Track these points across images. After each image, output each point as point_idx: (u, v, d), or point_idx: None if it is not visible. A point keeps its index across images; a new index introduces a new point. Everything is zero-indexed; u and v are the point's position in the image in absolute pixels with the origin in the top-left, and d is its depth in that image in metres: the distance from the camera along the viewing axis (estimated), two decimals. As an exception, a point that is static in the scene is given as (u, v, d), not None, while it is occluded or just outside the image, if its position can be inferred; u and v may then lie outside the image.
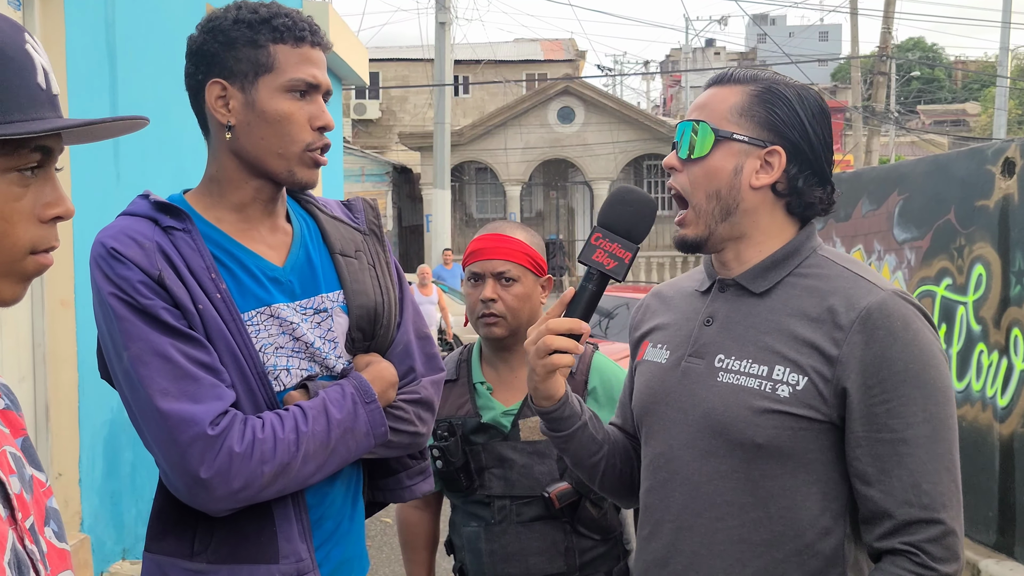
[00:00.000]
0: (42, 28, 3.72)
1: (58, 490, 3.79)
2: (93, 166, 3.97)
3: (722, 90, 1.46)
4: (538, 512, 1.98)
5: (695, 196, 1.44)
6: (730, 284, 1.47)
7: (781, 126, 1.41)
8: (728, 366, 1.41)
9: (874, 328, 1.32)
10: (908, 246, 5.91)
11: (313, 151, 1.51)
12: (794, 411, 1.34)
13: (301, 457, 1.41)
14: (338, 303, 1.58)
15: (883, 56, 20.00)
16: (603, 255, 1.40)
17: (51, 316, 3.76)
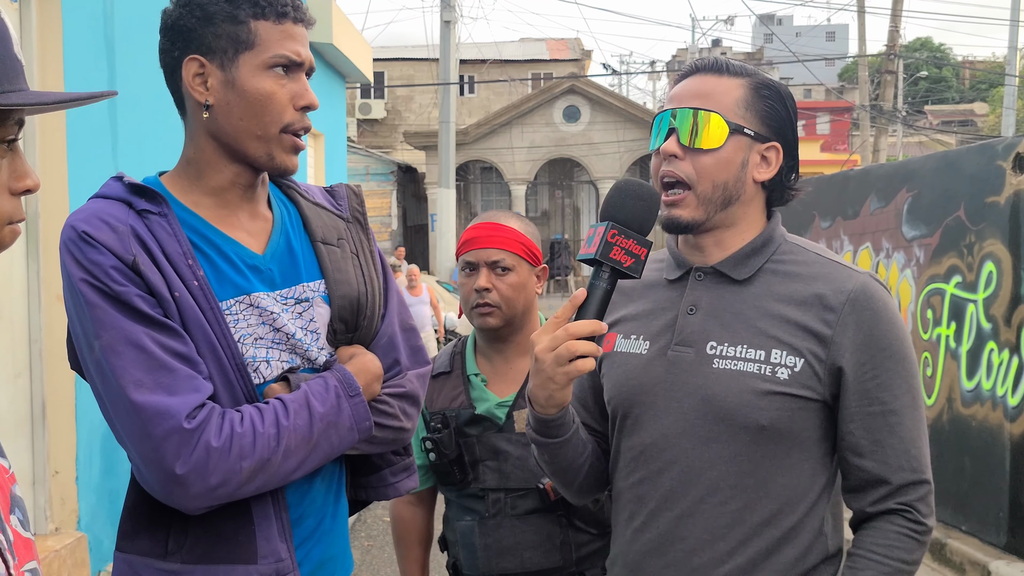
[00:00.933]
0: (39, 21, 3.68)
1: (55, 488, 3.74)
2: (90, 157, 3.92)
3: (722, 81, 1.46)
4: (533, 505, 1.94)
5: (701, 184, 1.44)
6: (708, 272, 1.49)
7: (777, 122, 1.47)
8: (723, 352, 1.43)
9: (862, 309, 1.41)
10: (917, 244, 5.84)
11: (294, 132, 1.44)
12: (794, 392, 1.40)
13: (282, 452, 1.35)
14: (319, 293, 1.52)
15: (891, 55, 19.91)
16: (620, 252, 1.35)
17: (48, 312, 3.71)
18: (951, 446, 5.49)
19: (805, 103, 44.31)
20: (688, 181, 1.44)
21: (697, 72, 1.49)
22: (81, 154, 3.83)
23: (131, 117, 4.25)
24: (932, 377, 5.73)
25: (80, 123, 3.83)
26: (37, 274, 3.69)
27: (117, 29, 4.15)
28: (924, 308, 5.80)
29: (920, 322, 5.84)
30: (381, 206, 20.94)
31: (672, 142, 1.44)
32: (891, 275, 6.22)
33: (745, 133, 1.44)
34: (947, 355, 5.56)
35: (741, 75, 1.47)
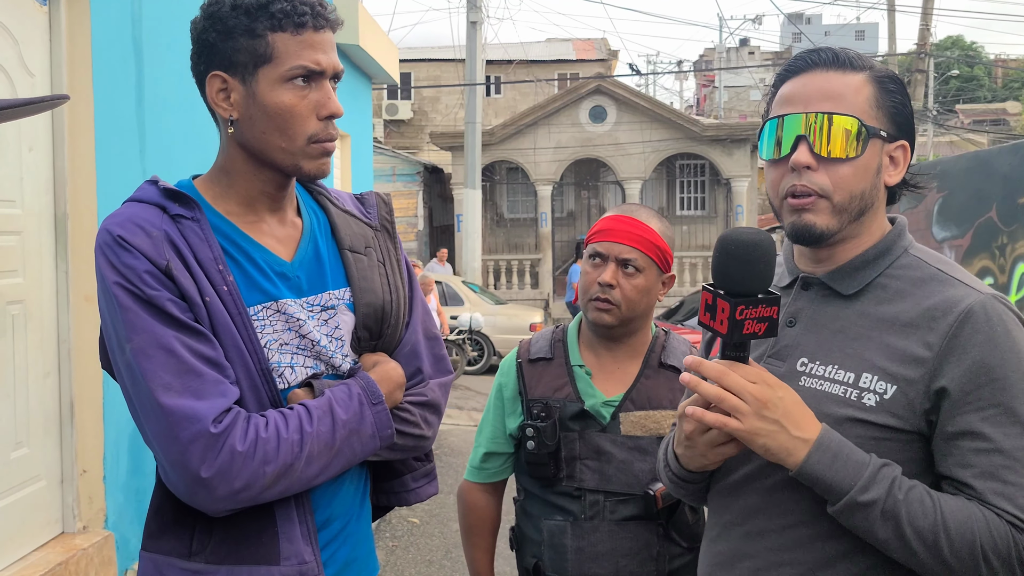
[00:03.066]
0: (68, 23, 3.71)
1: (82, 487, 3.77)
2: (119, 160, 3.95)
3: (847, 77, 1.32)
4: (633, 511, 1.87)
5: (838, 195, 1.30)
6: (815, 283, 1.37)
7: (902, 118, 1.33)
8: (812, 371, 1.33)
9: (973, 332, 1.24)
10: (948, 244, 5.76)
11: (319, 142, 1.44)
12: (879, 421, 1.27)
13: (305, 458, 1.36)
14: (344, 300, 1.53)
15: (921, 54, 19.68)
16: (752, 324, 1.24)
17: (76, 311, 3.74)
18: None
19: (834, 103, 43.71)
20: (823, 193, 1.30)
21: (815, 67, 1.33)
22: (109, 155, 3.86)
23: (159, 118, 4.28)
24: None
25: (108, 124, 3.86)
26: (66, 274, 3.72)
27: (145, 31, 4.18)
28: (955, 310, 5.72)
29: (951, 324, 5.76)
30: (407, 207, 20.99)
31: (804, 152, 1.30)
32: (921, 276, 6.16)
33: (880, 136, 1.30)
34: (978, 358, 5.48)
35: (863, 68, 1.32)
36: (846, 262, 1.35)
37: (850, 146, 1.28)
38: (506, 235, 22.30)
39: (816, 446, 1.23)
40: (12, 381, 3.45)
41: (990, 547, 1.20)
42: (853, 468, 1.23)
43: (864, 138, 1.28)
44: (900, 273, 1.33)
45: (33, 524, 3.56)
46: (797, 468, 1.24)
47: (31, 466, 3.56)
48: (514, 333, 14.04)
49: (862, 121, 1.28)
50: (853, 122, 1.28)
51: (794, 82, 1.34)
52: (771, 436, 1.23)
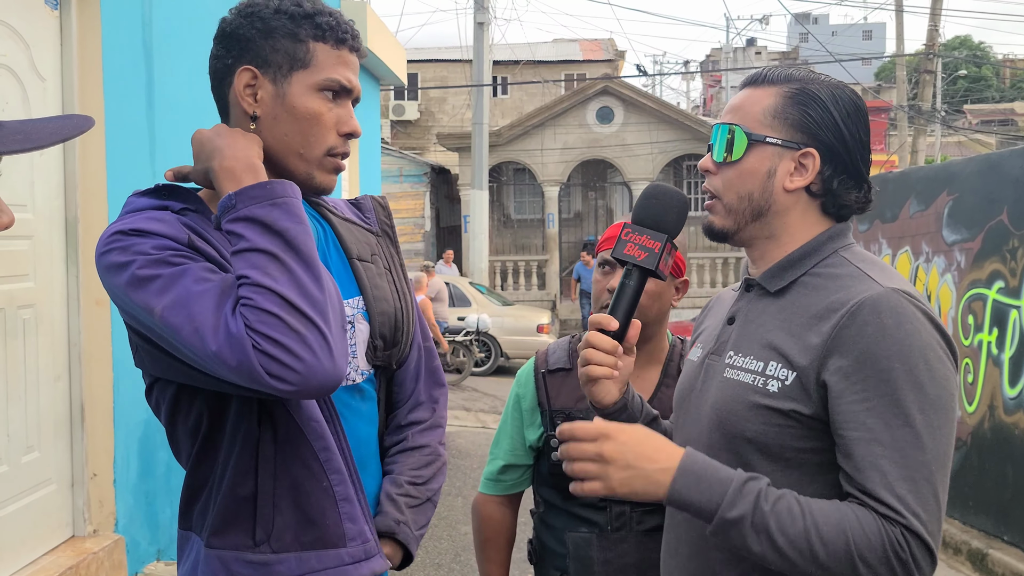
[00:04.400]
0: (79, 27, 3.72)
1: (93, 490, 3.78)
2: (129, 164, 3.96)
3: (756, 91, 1.45)
4: (661, 521, 1.81)
5: (727, 196, 1.45)
6: (754, 284, 1.48)
7: (814, 127, 1.41)
8: (734, 362, 1.42)
9: (863, 324, 1.28)
10: (958, 248, 5.74)
11: (335, 156, 1.45)
12: (780, 406, 1.33)
13: None
14: (359, 309, 1.53)
15: (930, 54, 19.62)
16: (633, 248, 1.41)
17: (86, 315, 3.75)
18: (993, 455, 5.38)
19: (841, 103, 43.59)
20: (716, 194, 1.46)
21: (743, 87, 1.49)
22: (119, 158, 3.87)
23: (169, 121, 4.28)
24: (973, 384, 5.62)
25: (118, 127, 3.86)
26: (76, 278, 3.73)
27: (156, 34, 4.19)
28: (965, 313, 5.70)
29: (961, 327, 5.74)
30: (414, 207, 20.99)
31: (706, 158, 1.47)
32: (931, 279, 6.12)
33: (768, 142, 1.41)
34: (989, 361, 5.46)
35: (778, 83, 1.44)
36: (774, 263, 1.44)
37: (735, 151, 1.42)
38: (513, 236, 22.29)
39: (679, 472, 1.29)
40: (23, 385, 3.46)
41: (864, 546, 1.23)
42: (718, 487, 1.28)
43: (745, 144, 1.41)
44: (823, 271, 1.41)
45: (44, 528, 3.57)
46: (667, 498, 1.30)
47: (42, 470, 3.57)
48: (521, 334, 14.02)
49: (744, 129, 1.41)
50: (738, 130, 1.42)
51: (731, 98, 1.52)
52: (631, 482, 1.30)
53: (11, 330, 3.39)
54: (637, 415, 1.54)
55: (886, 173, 7.36)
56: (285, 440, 1.39)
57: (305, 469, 1.40)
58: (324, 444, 1.40)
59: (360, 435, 1.53)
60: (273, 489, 1.40)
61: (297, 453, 1.40)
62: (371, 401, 1.57)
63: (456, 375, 12.46)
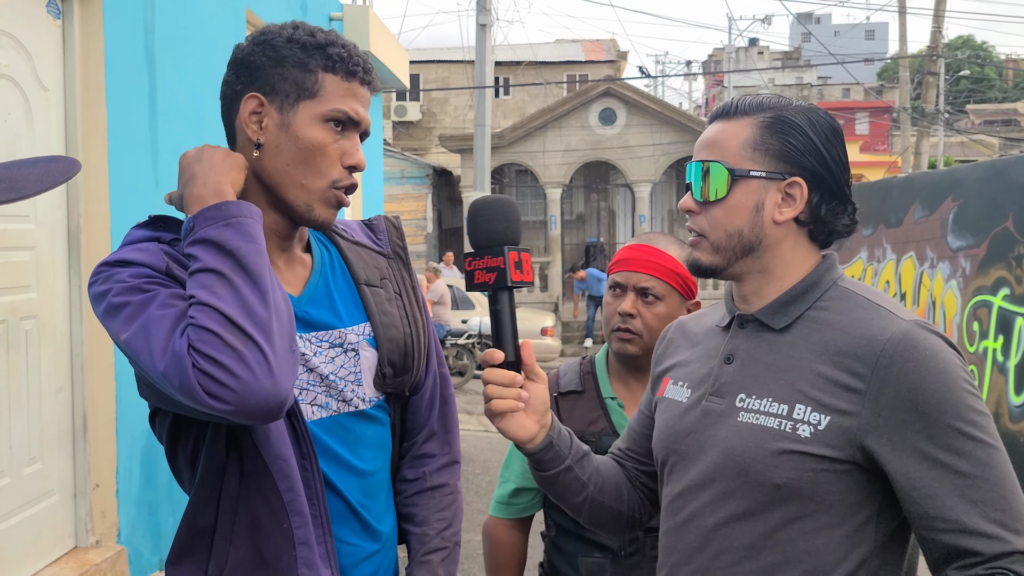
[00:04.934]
0: (81, 36, 3.71)
1: (95, 501, 3.76)
2: (132, 173, 3.94)
3: (729, 124, 1.40)
4: None
5: (714, 235, 1.41)
6: (749, 320, 1.42)
7: (797, 155, 1.37)
8: (749, 405, 1.36)
9: (903, 360, 1.26)
10: (963, 254, 5.72)
11: (338, 188, 1.42)
12: (815, 451, 1.29)
13: None
14: (365, 336, 1.50)
15: (933, 56, 19.59)
16: (481, 275, 1.37)
17: (89, 326, 3.74)
18: (998, 462, 5.36)
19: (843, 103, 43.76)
20: (703, 233, 1.41)
21: (713, 120, 1.44)
22: (122, 168, 3.85)
23: (172, 130, 4.27)
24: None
25: (121, 137, 3.85)
26: (79, 287, 3.71)
27: (158, 44, 4.17)
28: (970, 320, 5.68)
29: (966, 334, 5.72)
30: (416, 209, 20.98)
31: (687, 198, 1.43)
32: (936, 285, 6.11)
33: (753, 176, 1.36)
34: (994, 369, 5.44)
35: (753, 113, 1.39)
36: (775, 298, 1.39)
37: (718, 189, 1.37)
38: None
39: None
40: (25, 396, 3.45)
41: None
42: None
43: (729, 181, 1.36)
44: (829, 305, 1.37)
45: (46, 539, 3.56)
46: None
47: (44, 481, 3.55)
48: (525, 337, 13.99)
49: (726, 165, 1.37)
50: (717, 167, 1.37)
51: (702, 134, 1.45)
52: None
53: (13, 341, 3.38)
54: (565, 452, 1.47)
55: (890, 178, 7.34)
56: (250, 474, 1.37)
57: (266, 507, 1.37)
58: (289, 484, 1.37)
59: (366, 464, 1.51)
60: (232, 524, 1.38)
61: (260, 489, 1.37)
62: (381, 428, 1.54)
63: (459, 378, 12.45)
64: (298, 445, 1.40)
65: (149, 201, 4.07)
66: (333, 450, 1.46)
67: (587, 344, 17.85)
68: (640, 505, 1.58)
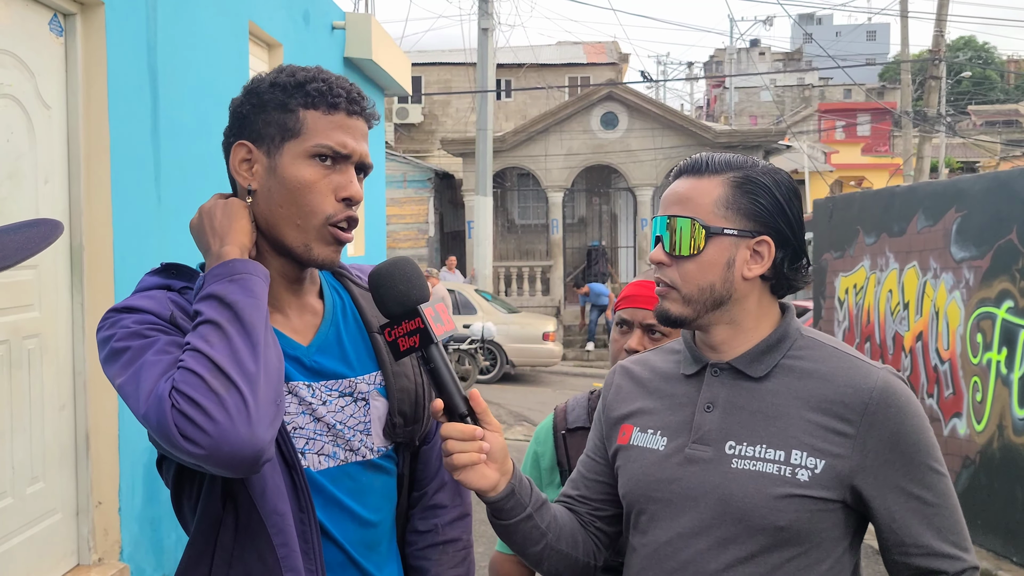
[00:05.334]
0: (84, 54, 3.70)
1: (98, 519, 3.76)
2: (134, 191, 3.94)
3: (700, 182, 1.45)
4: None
5: (686, 288, 1.44)
6: (724, 368, 1.46)
7: (766, 215, 1.45)
8: (741, 452, 1.41)
9: (886, 407, 1.38)
10: (966, 265, 5.70)
11: (335, 225, 1.40)
12: (814, 494, 1.37)
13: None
14: (375, 385, 1.49)
15: (935, 60, 19.57)
16: (405, 341, 1.34)
17: (91, 344, 3.73)
18: (1001, 475, 5.35)
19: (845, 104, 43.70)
20: (673, 285, 1.45)
21: (681, 175, 1.49)
22: (124, 186, 3.85)
23: (173, 147, 4.26)
24: (982, 403, 5.59)
25: (123, 154, 3.85)
26: (81, 306, 3.71)
27: (160, 61, 4.17)
28: (974, 332, 5.66)
29: (970, 346, 5.71)
30: (418, 213, 20.97)
31: (658, 251, 1.47)
32: (939, 296, 6.09)
33: (726, 233, 1.42)
34: (998, 381, 5.42)
35: (723, 171, 1.45)
36: (750, 348, 1.45)
37: (693, 244, 1.42)
38: (517, 241, 22.26)
39: None
40: (28, 415, 3.44)
41: None
42: None
43: (703, 237, 1.42)
44: (803, 354, 1.45)
45: (49, 557, 3.55)
46: None
47: (47, 500, 3.55)
48: (527, 342, 14.00)
49: (701, 222, 1.42)
50: (692, 223, 1.42)
51: (670, 187, 1.50)
52: None
53: (16, 360, 3.38)
54: (526, 500, 1.46)
55: (893, 187, 7.32)
56: (245, 529, 1.36)
57: (260, 562, 1.36)
58: (283, 540, 1.36)
59: (371, 514, 1.49)
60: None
61: (254, 544, 1.36)
62: (387, 478, 1.52)
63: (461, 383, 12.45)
64: (296, 499, 1.39)
65: (151, 219, 4.07)
66: (338, 499, 1.45)
67: (589, 348, 17.84)
68: (594, 550, 1.60)
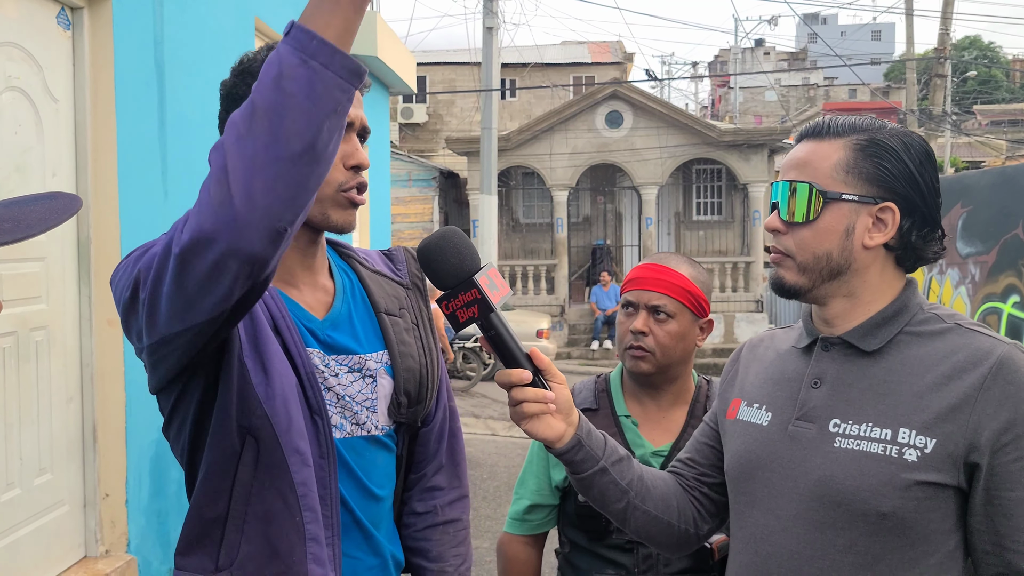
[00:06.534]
0: (91, 48, 3.71)
1: (105, 511, 3.77)
2: (141, 184, 3.95)
3: (821, 145, 1.37)
4: (688, 563, 1.83)
5: (801, 256, 1.36)
6: (835, 343, 1.38)
7: (891, 180, 1.34)
8: (846, 431, 1.32)
9: (1006, 383, 1.26)
10: (972, 260, 5.71)
11: (347, 191, 1.43)
12: (922, 477, 1.26)
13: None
14: (383, 364, 1.51)
15: (940, 58, 19.55)
16: (464, 313, 1.31)
17: (99, 336, 3.74)
18: (1008, 469, 5.34)
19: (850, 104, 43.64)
20: (788, 253, 1.38)
21: (803, 138, 1.41)
22: (132, 178, 3.86)
23: (181, 141, 4.27)
24: (988, 398, 5.59)
25: (130, 148, 3.86)
26: (89, 299, 3.72)
27: (168, 54, 4.18)
28: (979, 327, 5.67)
29: (975, 341, 5.70)
30: (423, 212, 20.98)
31: (774, 218, 1.39)
32: (945, 291, 6.09)
33: (845, 199, 1.33)
34: (1004, 376, 5.42)
35: (846, 134, 1.36)
36: (865, 320, 1.36)
37: (808, 210, 1.34)
38: (522, 240, 22.26)
39: None
40: (36, 407, 3.45)
41: None
42: None
43: (820, 203, 1.34)
44: (920, 329, 1.35)
45: (57, 549, 3.56)
46: None
47: (54, 491, 3.56)
48: (521, 339, 14.03)
49: (817, 187, 1.34)
50: (809, 188, 1.34)
51: (790, 152, 1.43)
52: None
53: (24, 353, 3.39)
54: (599, 453, 1.42)
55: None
56: (266, 467, 1.36)
57: (280, 500, 1.37)
58: (303, 479, 1.37)
59: (373, 489, 1.51)
60: (244, 514, 1.37)
61: (274, 482, 1.36)
62: (389, 456, 1.54)
63: (465, 382, 12.45)
64: (318, 443, 1.40)
65: (159, 212, 4.08)
66: (348, 463, 1.46)
67: (593, 347, 17.84)
68: (695, 517, 1.53)
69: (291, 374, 1.38)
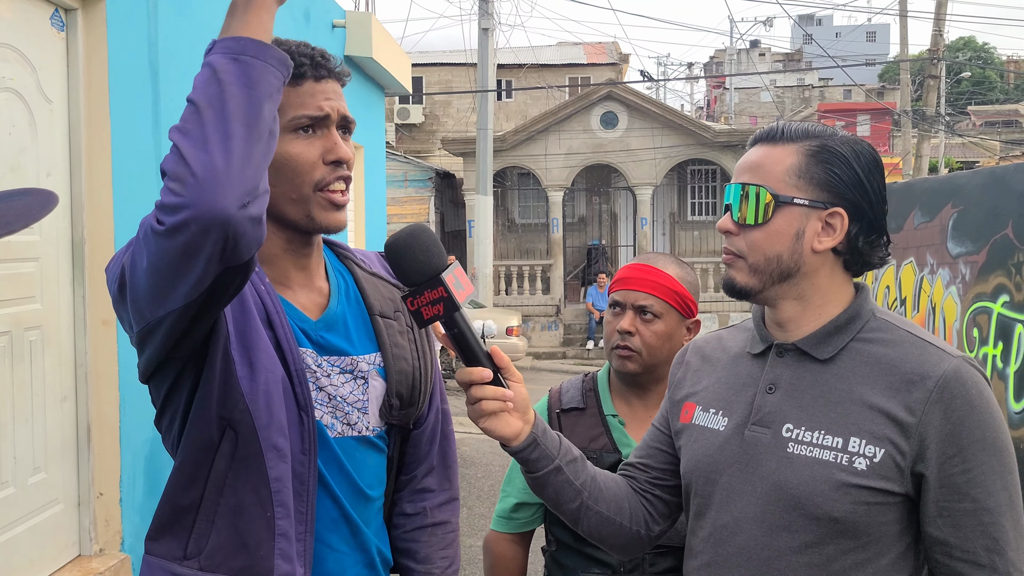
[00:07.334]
0: (85, 49, 3.73)
1: (99, 510, 3.79)
2: (136, 185, 3.97)
3: (775, 149, 1.40)
4: (673, 563, 1.84)
5: (753, 257, 1.39)
6: (789, 349, 1.41)
7: (840, 186, 1.37)
8: (799, 437, 1.35)
9: (952, 397, 1.29)
10: (963, 260, 5.75)
11: (327, 188, 1.43)
12: (872, 484, 1.30)
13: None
14: (375, 366, 1.52)
15: (934, 59, 19.60)
16: (429, 310, 1.31)
17: (93, 336, 3.76)
18: (998, 468, 5.37)
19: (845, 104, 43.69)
20: (740, 254, 1.41)
21: (756, 143, 1.44)
22: (126, 179, 3.88)
23: (174, 141, 4.29)
24: (978, 397, 5.62)
25: (125, 148, 3.87)
26: (83, 298, 3.74)
27: (162, 55, 4.20)
28: (970, 326, 5.70)
29: (966, 340, 5.74)
30: (419, 212, 21.01)
31: (726, 219, 1.42)
32: (936, 291, 6.12)
33: (796, 203, 1.36)
34: (994, 375, 5.45)
35: (799, 140, 1.39)
36: (818, 328, 1.39)
37: (759, 213, 1.37)
38: (517, 240, 22.30)
39: None
40: (30, 406, 3.47)
41: None
42: None
43: (772, 206, 1.36)
44: (873, 336, 1.38)
45: (51, 548, 3.58)
46: None
47: (49, 490, 3.58)
48: (493, 337, 14.07)
49: (770, 190, 1.37)
50: (761, 191, 1.37)
51: (745, 154, 1.46)
52: None
53: (18, 352, 3.41)
54: (553, 452, 1.43)
55: (891, 184, 7.36)
56: (243, 460, 1.37)
57: (253, 494, 1.38)
58: (278, 474, 1.38)
59: (362, 490, 1.52)
60: (216, 506, 1.38)
61: (250, 476, 1.38)
62: (380, 457, 1.55)
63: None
64: (301, 439, 1.40)
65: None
66: (339, 460, 1.48)
67: (589, 347, 17.87)
68: (646, 519, 1.55)
69: (279, 369, 1.39)
